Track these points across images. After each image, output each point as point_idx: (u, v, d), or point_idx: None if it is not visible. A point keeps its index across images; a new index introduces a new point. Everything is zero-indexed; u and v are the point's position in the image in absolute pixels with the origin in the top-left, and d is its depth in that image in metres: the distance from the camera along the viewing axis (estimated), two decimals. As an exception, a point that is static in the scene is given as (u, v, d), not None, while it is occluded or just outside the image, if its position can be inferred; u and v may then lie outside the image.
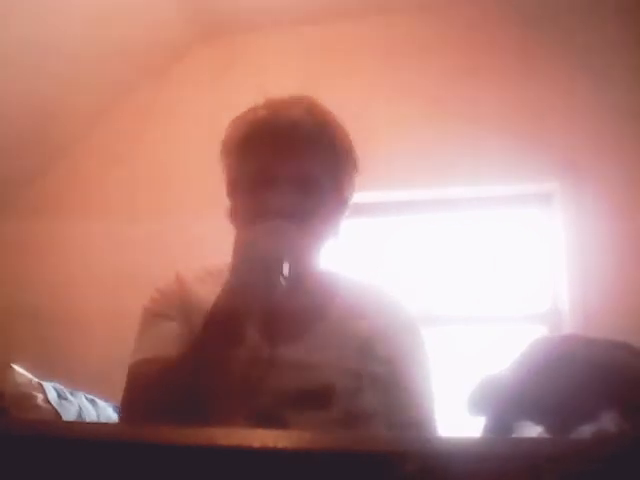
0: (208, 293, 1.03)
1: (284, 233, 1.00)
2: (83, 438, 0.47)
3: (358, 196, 1.21)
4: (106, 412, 1.81)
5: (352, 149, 1.17)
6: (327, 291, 1.17)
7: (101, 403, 1.83)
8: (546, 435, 0.52)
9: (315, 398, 1.02)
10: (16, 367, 1.68)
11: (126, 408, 1.04)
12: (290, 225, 1.01)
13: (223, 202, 1.23)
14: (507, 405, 0.52)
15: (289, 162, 1.10)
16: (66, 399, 1.69)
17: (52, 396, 1.65)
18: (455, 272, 2.59)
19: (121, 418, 1.05)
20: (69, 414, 1.66)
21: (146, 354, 1.06)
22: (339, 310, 1.14)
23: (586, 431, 0.52)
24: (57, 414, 1.62)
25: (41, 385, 1.66)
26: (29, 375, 1.68)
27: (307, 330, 1.10)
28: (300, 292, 1.10)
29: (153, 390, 0.99)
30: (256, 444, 0.43)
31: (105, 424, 1.53)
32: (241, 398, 1.01)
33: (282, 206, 1.04)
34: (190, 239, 2.49)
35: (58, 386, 1.72)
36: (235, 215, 1.15)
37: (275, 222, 1.01)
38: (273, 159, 1.10)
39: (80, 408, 1.71)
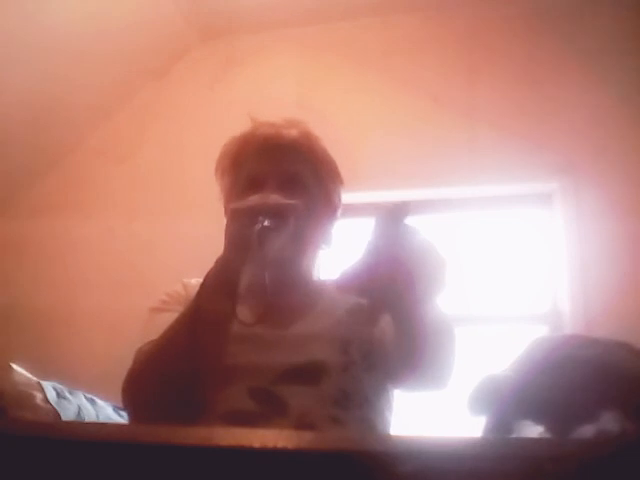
0: None
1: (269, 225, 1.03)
2: (82, 438, 0.47)
3: (358, 196, 1.22)
4: (105, 412, 1.81)
5: (334, 162, 1.24)
6: (317, 290, 1.21)
7: (100, 403, 1.82)
8: (546, 435, 0.52)
9: (305, 374, 1.05)
10: (15, 366, 1.67)
11: (128, 379, 1.05)
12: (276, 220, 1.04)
13: (222, 203, 1.24)
14: (508, 405, 0.52)
15: (274, 163, 1.17)
16: (65, 398, 1.69)
17: (51, 395, 1.64)
18: (455, 272, 2.59)
19: (125, 390, 1.05)
20: (68, 413, 1.65)
21: (152, 339, 1.07)
22: (329, 298, 1.18)
23: (586, 431, 0.51)
24: (56, 413, 1.61)
25: (40, 384, 1.66)
26: (28, 374, 1.68)
27: (298, 316, 1.15)
28: (290, 293, 1.16)
29: (154, 355, 1.02)
30: (256, 444, 0.43)
31: (104, 424, 1.53)
32: (234, 372, 1.04)
33: (268, 203, 1.06)
34: (190, 239, 2.49)
35: (57, 385, 1.72)
36: None
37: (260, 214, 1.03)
38: (259, 164, 1.18)
39: (79, 408, 1.71)
